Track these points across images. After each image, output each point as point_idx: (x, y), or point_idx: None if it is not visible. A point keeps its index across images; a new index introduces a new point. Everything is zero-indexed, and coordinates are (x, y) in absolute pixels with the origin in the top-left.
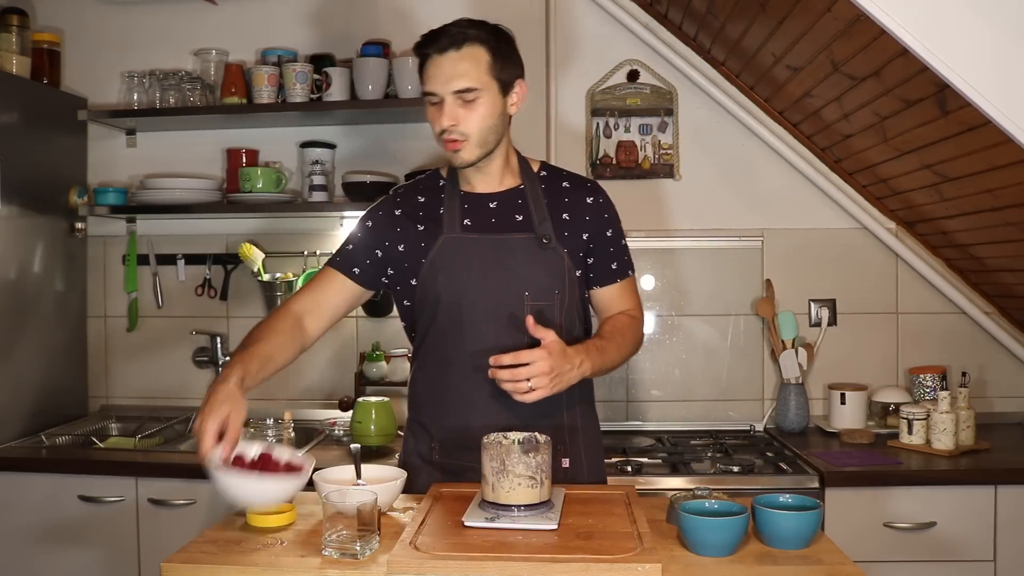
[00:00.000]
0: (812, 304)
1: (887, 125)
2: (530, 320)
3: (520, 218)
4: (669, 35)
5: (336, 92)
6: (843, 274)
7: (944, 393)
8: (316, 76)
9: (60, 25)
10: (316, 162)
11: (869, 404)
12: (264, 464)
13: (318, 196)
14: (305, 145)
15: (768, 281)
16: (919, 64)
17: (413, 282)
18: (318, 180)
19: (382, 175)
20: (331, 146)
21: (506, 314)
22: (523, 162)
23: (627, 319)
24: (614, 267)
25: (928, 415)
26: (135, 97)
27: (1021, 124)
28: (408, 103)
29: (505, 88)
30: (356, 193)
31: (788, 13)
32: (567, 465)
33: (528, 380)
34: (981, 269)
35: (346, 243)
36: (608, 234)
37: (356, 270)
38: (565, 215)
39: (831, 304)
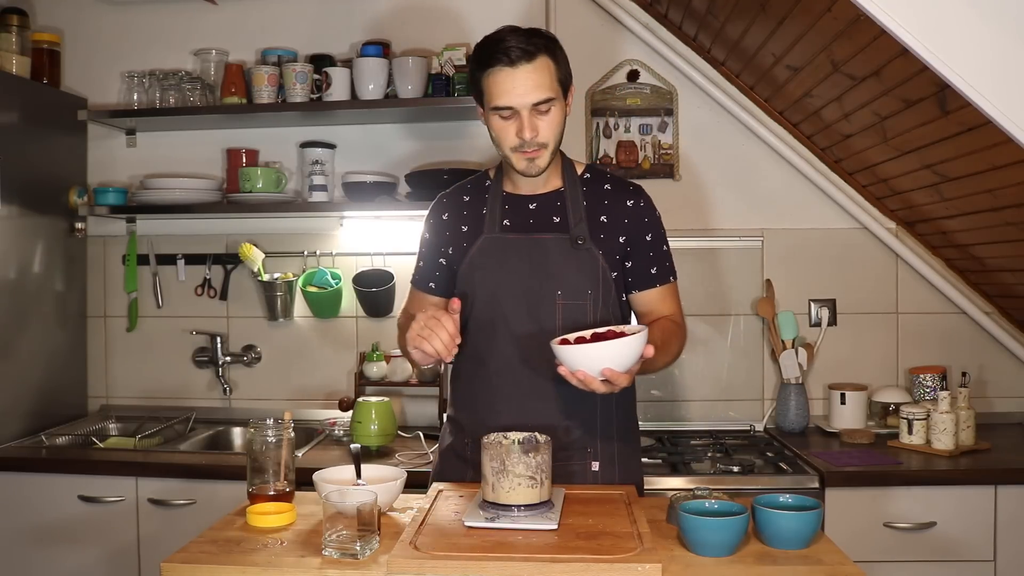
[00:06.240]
0: (812, 304)
1: (887, 125)
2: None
3: (557, 220)
4: (669, 35)
5: (336, 92)
6: (843, 274)
7: (944, 393)
8: (316, 76)
9: (60, 25)
10: (316, 162)
11: (869, 404)
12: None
13: (318, 196)
14: (305, 145)
15: (768, 281)
16: (919, 64)
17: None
18: (318, 180)
19: (382, 175)
20: (331, 146)
21: (537, 313)
22: (568, 164)
23: (671, 324)
24: (653, 271)
25: (928, 415)
26: (135, 97)
27: (1021, 124)
28: (408, 103)
29: (565, 92)
30: (356, 193)
31: (788, 13)
32: (597, 469)
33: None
34: (981, 269)
35: (418, 260)
36: (647, 238)
37: (432, 284)
38: (603, 217)
39: (831, 304)
